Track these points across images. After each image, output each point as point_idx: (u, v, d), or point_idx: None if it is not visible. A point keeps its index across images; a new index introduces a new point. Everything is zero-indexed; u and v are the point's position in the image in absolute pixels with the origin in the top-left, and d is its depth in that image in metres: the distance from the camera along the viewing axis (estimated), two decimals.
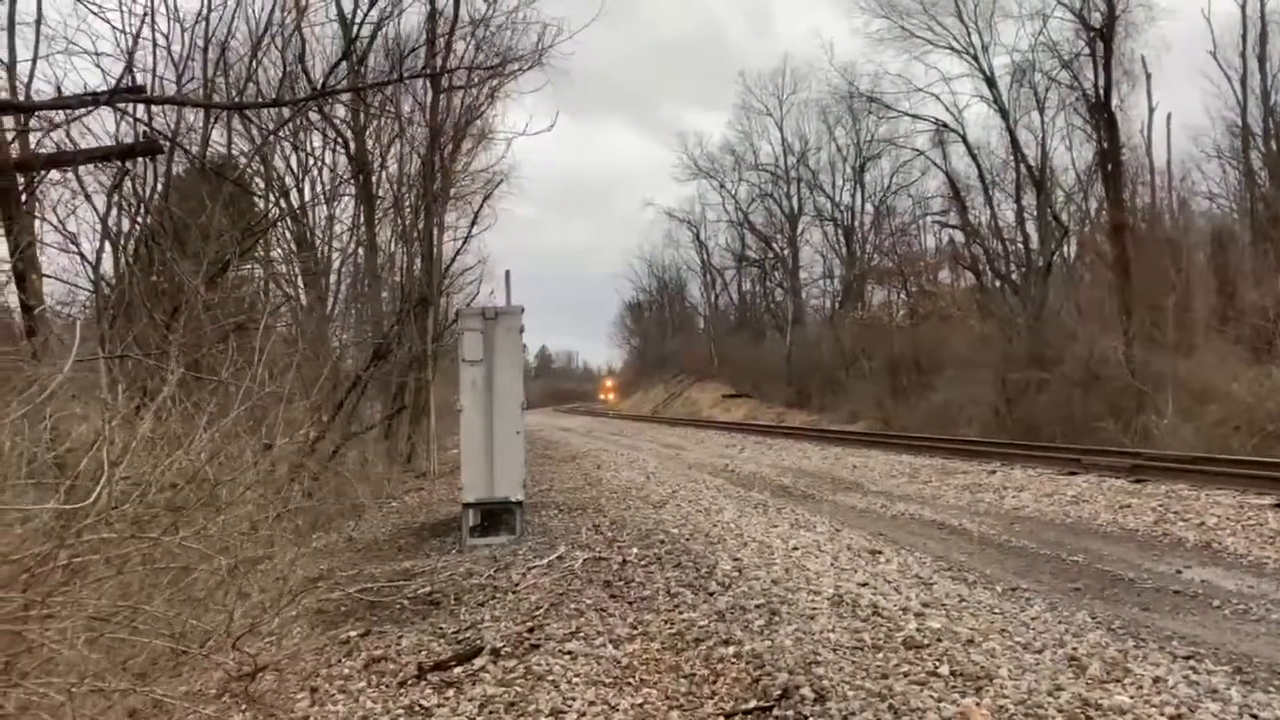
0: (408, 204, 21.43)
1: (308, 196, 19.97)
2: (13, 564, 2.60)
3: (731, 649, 5.27)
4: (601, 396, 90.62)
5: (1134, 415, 19.95)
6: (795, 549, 8.32)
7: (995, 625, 5.67)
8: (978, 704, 4.27)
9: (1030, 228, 34.09)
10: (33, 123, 9.49)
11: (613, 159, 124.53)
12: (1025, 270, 33.45)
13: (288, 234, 19.13)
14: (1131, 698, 4.33)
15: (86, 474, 2.96)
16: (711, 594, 6.64)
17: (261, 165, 17.37)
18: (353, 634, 6.13)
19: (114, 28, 10.64)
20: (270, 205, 17.85)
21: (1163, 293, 25.04)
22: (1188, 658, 4.98)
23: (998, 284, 34.94)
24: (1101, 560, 7.75)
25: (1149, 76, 30.13)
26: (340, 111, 19.14)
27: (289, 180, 19.57)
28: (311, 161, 19.89)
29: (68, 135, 9.58)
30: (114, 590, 2.92)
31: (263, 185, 17.95)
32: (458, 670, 5.25)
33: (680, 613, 6.19)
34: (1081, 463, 14.10)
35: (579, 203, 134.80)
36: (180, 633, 3.12)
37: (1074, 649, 5.11)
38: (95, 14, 9.36)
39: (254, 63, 14.88)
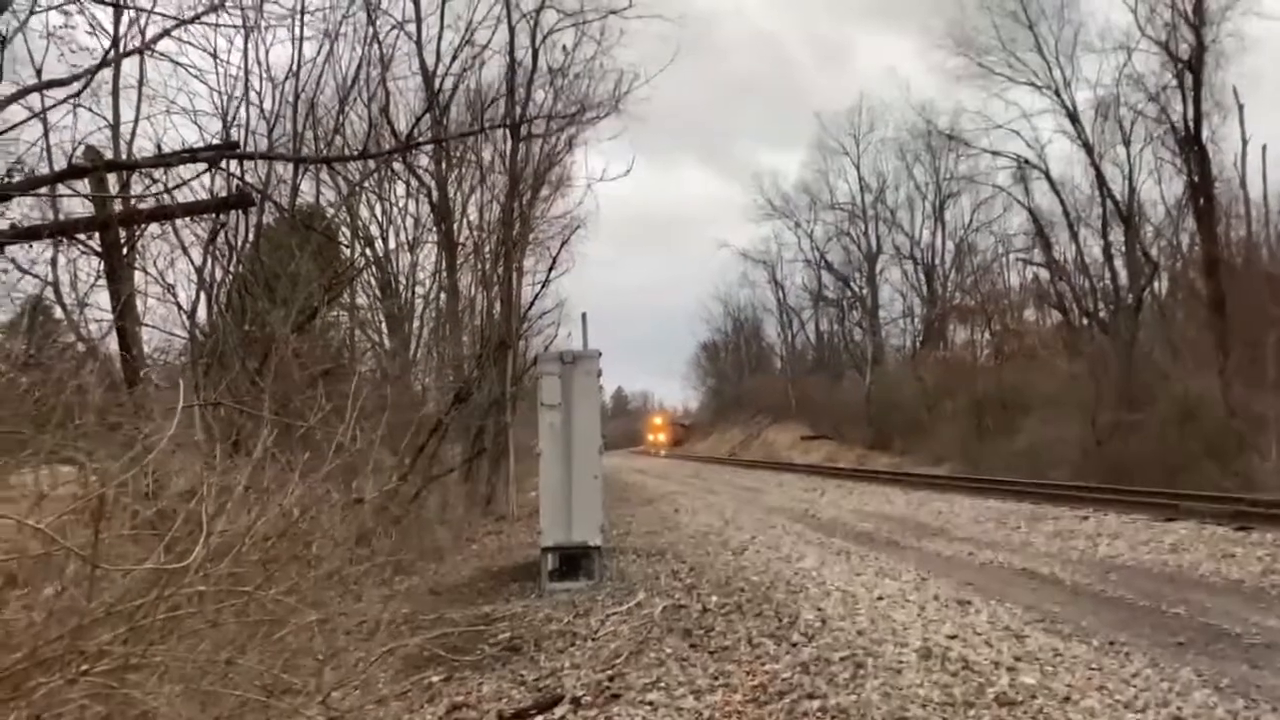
0: (488, 250, 21.83)
1: (391, 244, 20.49)
2: (114, 616, 2.69)
3: (816, 703, 5.15)
4: (650, 438, 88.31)
5: (1234, 458, 19.13)
6: (880, 598, 8.12)
7: (1093, 682, 5.43)
8: None
9: (1118, 264, 33.14)
10: (134, 179, 9.95)
11: (686, 198, 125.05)
12: (1114, 308, 32.49)
13: (372, 281, 19.64)
14: None
15: (184, 528, 3.06)
16: (794, 645, 6.52)
17: (347, 214, 17.90)
18: (435, 679, 6.17)
19: (210, 88, 11.13)
20: (356, 253, 18.36)
21: (1262, 329, 24.06)
22: None
23: (1085, 322, 34.01)
24: (1205, 613, 7.39)
25: (1241, 107, 29.18)
26: (423, 161, 19.66)
27: (374, 229, 20.13)
28: (395, 210, 20.45)
29: (166, 190, 10.01)
30: (209, 644, 2.99)
31: (348, 234, 18.48)
32: (538, 719, 5.23)
33: (763, 664, 6.09)
34: (1179, 508, 13.54)
35: (653, 242, 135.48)
36: (271, 685, 3.18)
37: (1179, 709, 4.88)
38: (194, 76, 9.81)
39: (341, 116, 15.41)
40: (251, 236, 12.56)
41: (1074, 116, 33.02)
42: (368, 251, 19.30)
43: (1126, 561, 10.02)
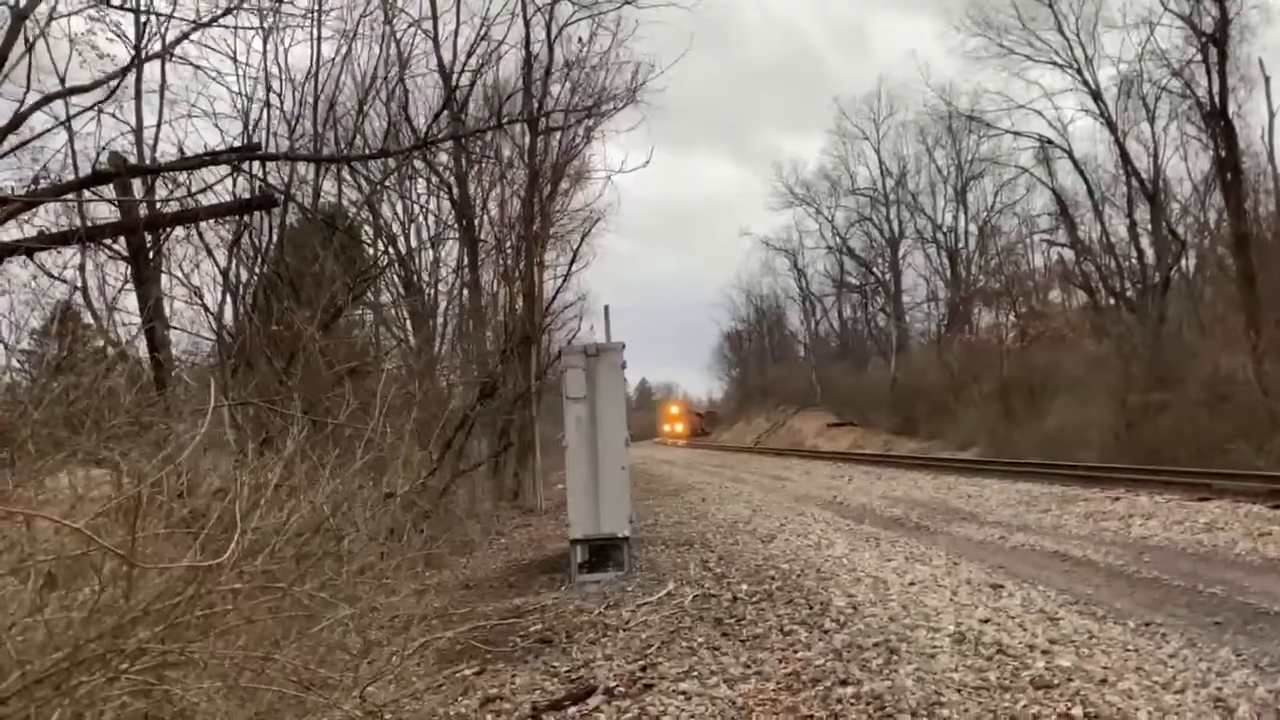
0: (509, 245, 21.88)
1: (414, 242, 20.58)
2: (152, 615, 2.72)
3: (850, 689, 5.13)
4: (665, 428, 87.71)
5: (1267, 436, 18.85)
6: (912, 584, 8.08)
7: (1130, 663, 5.38)
8: None
9: (1144, 243, 32.79)
10: (157, 183, 10.05)
11: (707, 187, 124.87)
12: (1141, 287, 32.14)
13: (395, 278, 19.74)
14: None
15: (218, 526, 3.08)
16: (826, 632, 6.50)
17: (370, 213, 17.97)
18: (468, 672, 6.19)
19: (230, 90, 11.20)
20: (379, 252, 18.45)
21: None
22: None
23: (1112, 302, 33.66)
24: (1242, 592, 7.30)
25: (1268, 80, 28.69)
26: (443, 158, 19.71)
27: (396, 227, 20.20)
28: (417, 208, 20.52)
29: (189, 193, 10.11)
30: (245, 640, 3.02)
31: (371, 232, 18.57)
32: (572, 710, 5.24)
33: (795, 651, 6.07)
34: (1212, 488, 13.38)
35: (674, 233, 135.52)
36: (307, 680, 3.21)
37: (1219, 689, 4.82)
38: (214, 79, 9.88)
39: (360, 116, 15.48)
40: (275, 237, 12.66)
41: (1096, 94, 32.69)
42: (390, 250, 19.38)
43: (1160, 542, 9.92)
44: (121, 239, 9.28)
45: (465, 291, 21.19)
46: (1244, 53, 28.03)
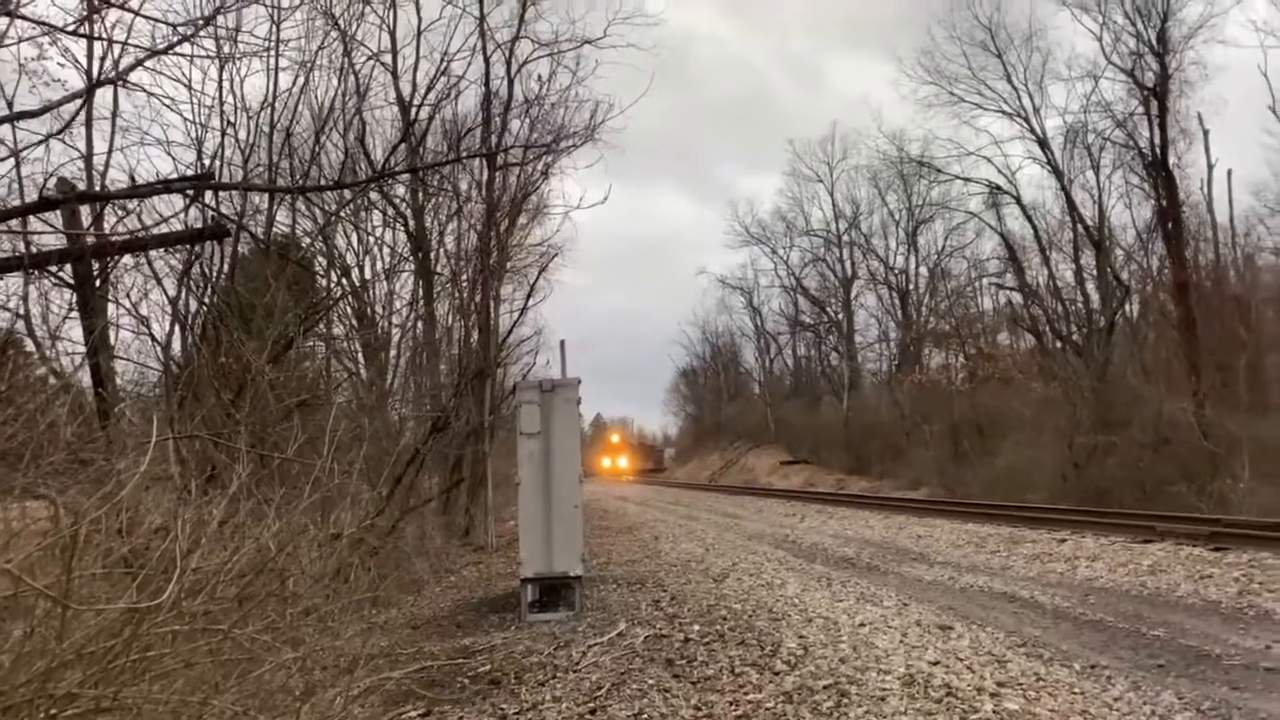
0: (465, 278, 21.80)
1: (368, 274, 20.44)
2: (85, 658, 2.62)
3: None
4: (605, 461, 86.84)
5: (1208, 479, 19.28)
6: (862, 625, 8.10)
7: (1076, 706, 5.43)
8: None
9: (1090, 287, 33.62)
10: (107, 211, 9.87)
11: (665, 223, 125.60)
12: (1087, 331, 32.85)
13: (349, 310, 19.55)
14: None
15: (158, 565, 3.00)
16: (777, 673, 6.47)
17: (324, 244, 17.83)
18: (414, 715, 6.07)
19: (184, 118, 11.05)
20: (332, 283, 18.28)
21: (1232, 351, 24.40)
22: None
23: (1059, 345, 34.34)
24: (1184, 634, 7.42)
25: (1206, 133, 29.81)
26: (400, 190, 19.65)
27: (350, 258, 20.06)
28: (372, 240, 20.40)
29: (140, 221, 9.92)
30: (183, 684, 2.93)
31: (325, 263, 18.41)
32: None
33: (746, 694, 6.04)
34: (1156, 530, 13.63)
35: (632, 267, 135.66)
36: None
37: None
38: (168, 107, 9.74)
39: (317, 146, 15.40)
40: (227, 267, 12.46)
41: (1044, 143, 33.58)
42: (344, 281, 19.21)
43: (1105, 584, 10.06)
44: (68, 267, 9.08)
45: (420, 325, 21.04)
46: (1184, 106, 29.14)
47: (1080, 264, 33.81)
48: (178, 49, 8.56)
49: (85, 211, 9.47)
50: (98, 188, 10.10)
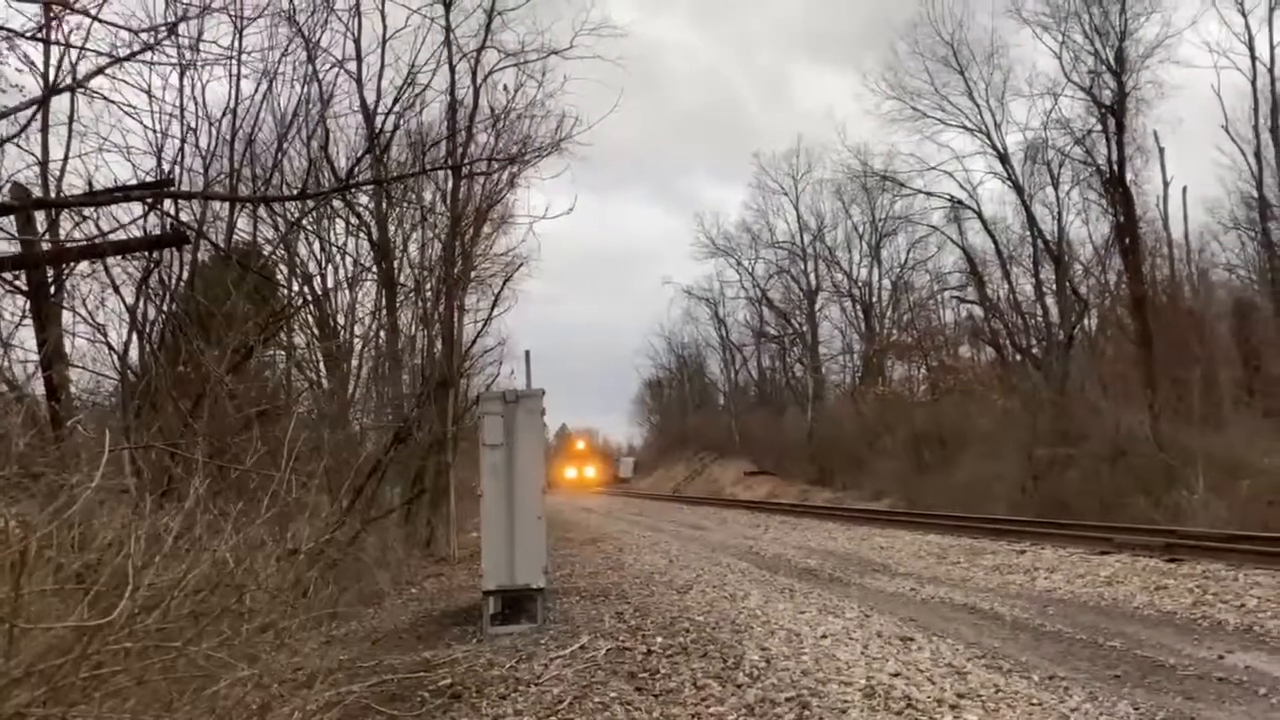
0: (428, 288, 21.68)
1: (330, 283, 20.27)
2: (34, 676, 2.57)
3: None
4: (569, 471, 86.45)
5: (1164, 491, 19.58)
6: (824, 637, 8.13)
7: (1034, 717, 5.49)
8: None
9: (1050, 302, 34.14)
10: (64, 217, 9.68)
11: (632, 234, 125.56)
12: (1046, 344, 33.36)
13: (310, 319, 19.34)
14: None
15: (111, 581, 2.94)
16: (740, 686, 6.48)
17: (285, 253, 17.65)
18: None
19: (144, 125, 10.87)
20: (293, 292, 18.08)
21: (1187, 365, 24.86)
22: None
23: (1019, 358, 34.83)
24: (1140, 645, 7.52)
25: (1162, 151, 30.48)
26: (363, 199, 19.49)
27: (312, 267, 19.89)
28: (334, 248, 20.25)
29: (98, 228, 9.74)
30: (135, 703, 2.87)
31: (286, 272, 18.22)
32: None
33: (708, 706, 6.04)
34: (1113, 541, 13.83)
35: (598, 277, 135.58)
36: None
37: None
38: (128, 113, 9.58)
39: (280, 153, 15.23)
40: (186, 275, 12.28)
41: (1004, 158, 34.10)
42: (306, 290, 19.04)
43: (1063, 595, 10.18)
44: (22, 273, 8.91)
45: (382, 334, 20.87)
46: (1141, 124, 29.81)
47: (1040, 278, 34.38)
48: (138, 56, 8.44)
49: (40, 217, 9.31)
50: (54, 194, 9.93)
